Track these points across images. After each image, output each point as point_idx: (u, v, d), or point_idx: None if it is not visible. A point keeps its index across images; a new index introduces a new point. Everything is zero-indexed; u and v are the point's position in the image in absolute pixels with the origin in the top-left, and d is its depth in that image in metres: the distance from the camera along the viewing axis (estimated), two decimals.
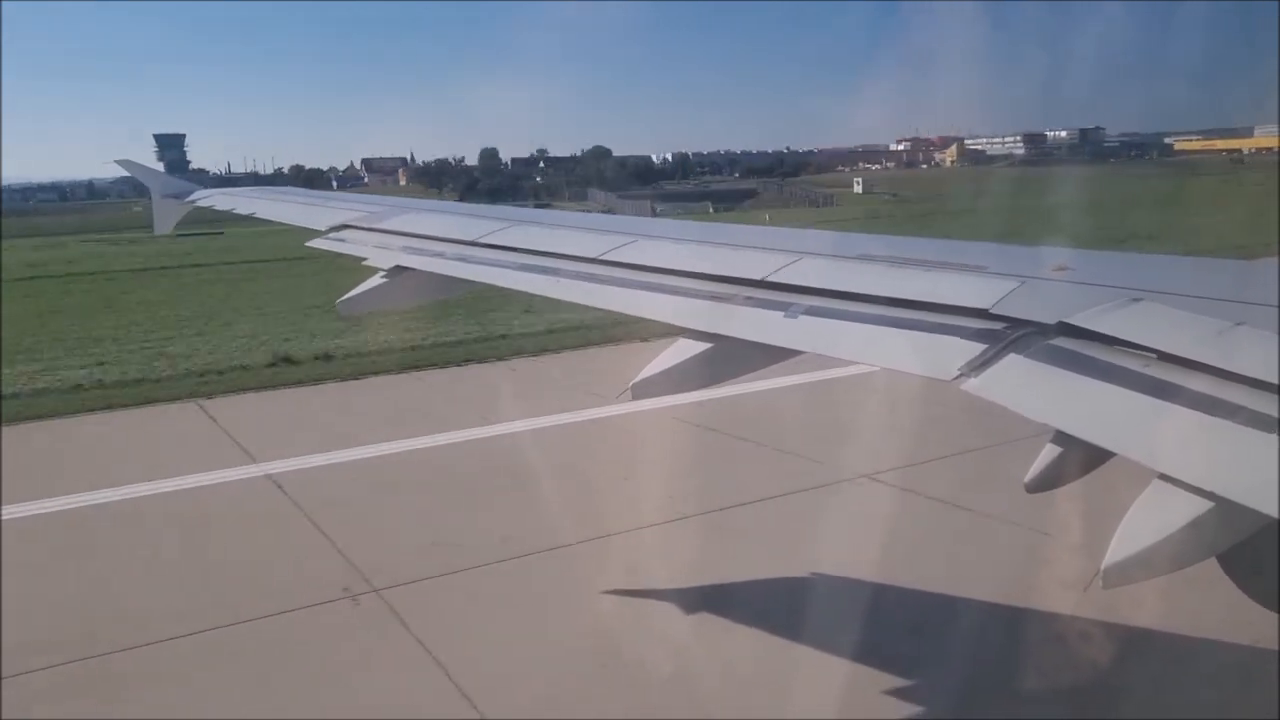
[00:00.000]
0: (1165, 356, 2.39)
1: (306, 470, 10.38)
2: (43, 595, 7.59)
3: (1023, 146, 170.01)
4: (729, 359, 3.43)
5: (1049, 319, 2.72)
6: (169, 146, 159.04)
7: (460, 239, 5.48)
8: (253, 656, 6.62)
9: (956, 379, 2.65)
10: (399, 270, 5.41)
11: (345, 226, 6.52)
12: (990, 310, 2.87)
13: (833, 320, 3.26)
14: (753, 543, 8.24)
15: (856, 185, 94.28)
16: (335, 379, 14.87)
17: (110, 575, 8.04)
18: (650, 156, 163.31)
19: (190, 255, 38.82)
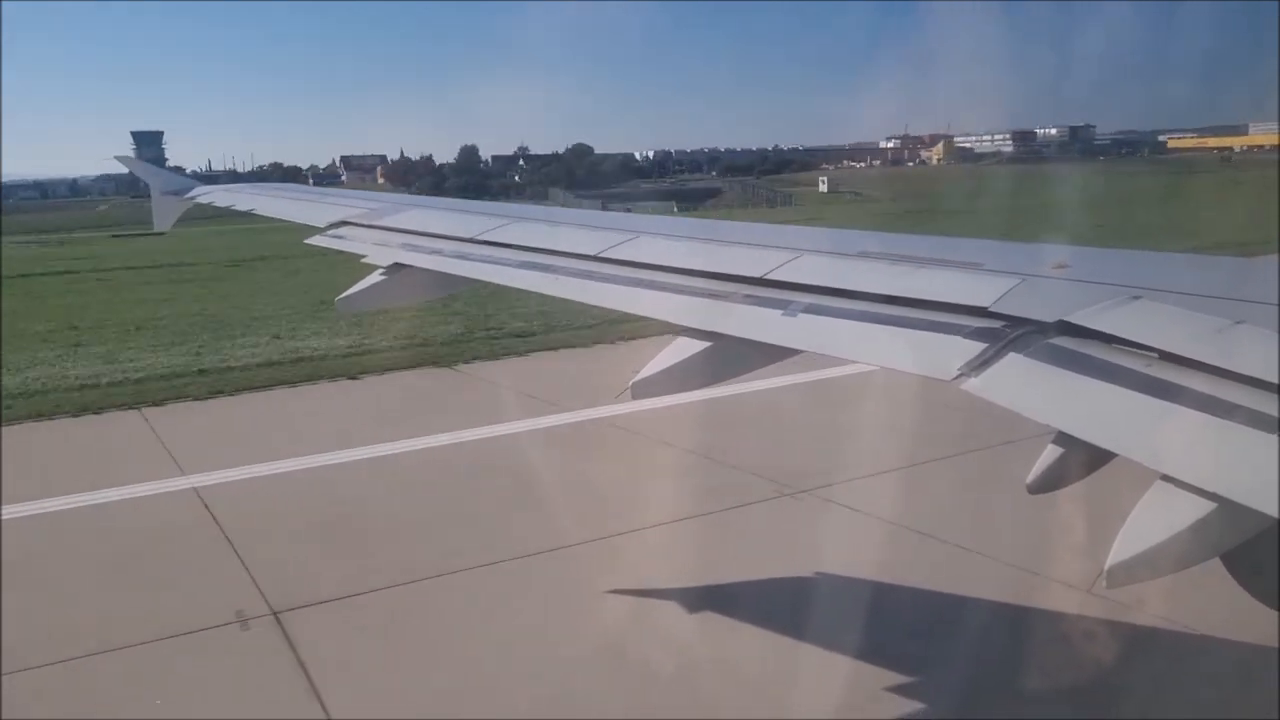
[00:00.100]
0: (1166, 355, 2.38)
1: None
2: None
3: (1011, 144, 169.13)
4: (729, 358, 3.41)
5: (1049, 317, 2.70)
6: (146, 144, 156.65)
7: (459, 236, 5.47)
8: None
9: (956, 379, 2.63)
10: (398, 268, 5.40)
11: (344, 223, 6.50)
12: (989, 309, 2.85)
13: (832, 319, 3.24)
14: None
15: (821, 184, 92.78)
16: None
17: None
18: (634, 154, 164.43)
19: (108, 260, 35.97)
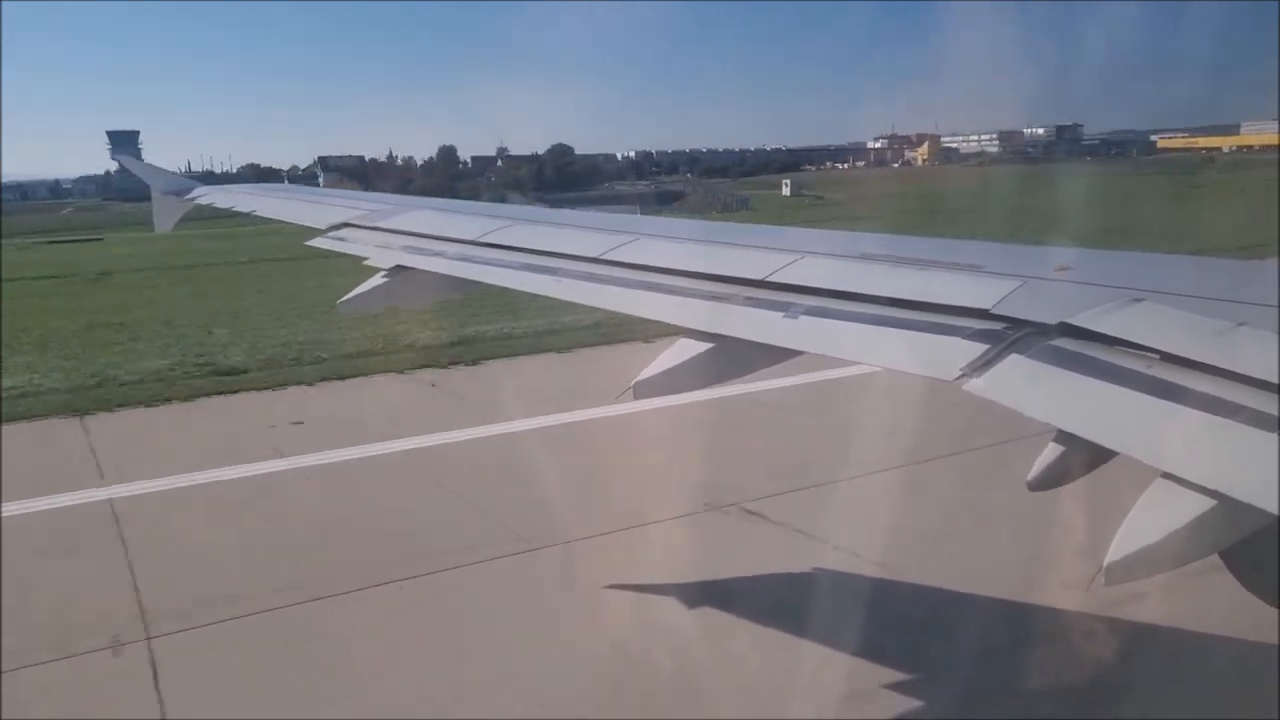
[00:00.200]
0: (1167, 357, 2.39)
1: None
2: None
3: (997, 144, 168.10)
4: (730, 359, 3.42)
5: (1050, 319, 2.72)
6: (122, 144, 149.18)
7: (461, 238, 5.47)
8: None
9: (958, 379, 2.65)
10: (400, 270, 5.41)
11: (345, 225, 6.50)
12: (991, 310, 2.87)
13: (833, 320, 3.26)
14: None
15: (784, 188, 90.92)
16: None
17: None
18: (616, 155, 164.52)
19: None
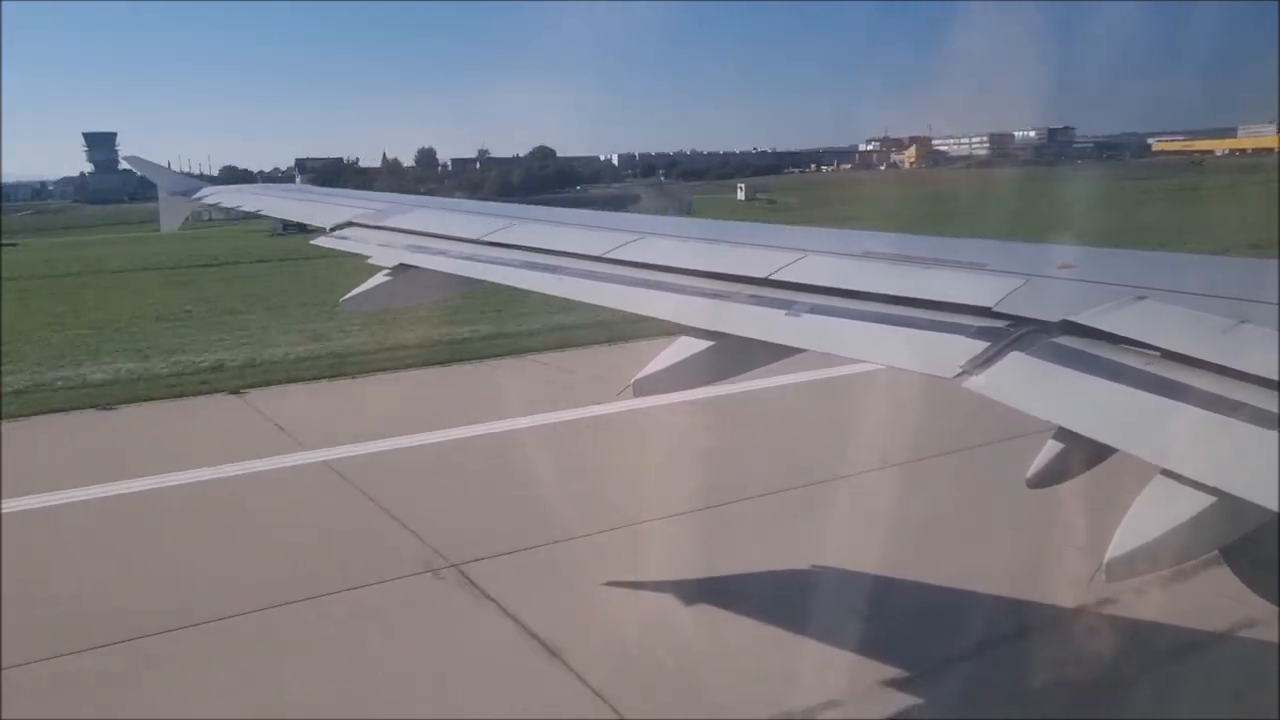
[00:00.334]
0: (1169, 354, 2.39)
1: None
2: None
3: (988, 147, 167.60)
4: (731, 356, 3.43)
5: (1052, 317, 2.72)
6: (98, 146, 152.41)
7: (465, 237, 5.48)
8: None
9: (959, 377, 2.65)
10: (403, 269, 5.42)
11: (349, 224, 6.52)
12: (993, 308, 2.87)
13: (835, 318, 3.26)
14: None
15: (739, 191, 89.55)
16: None
17: None
18: (599, 157, 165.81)
19: None
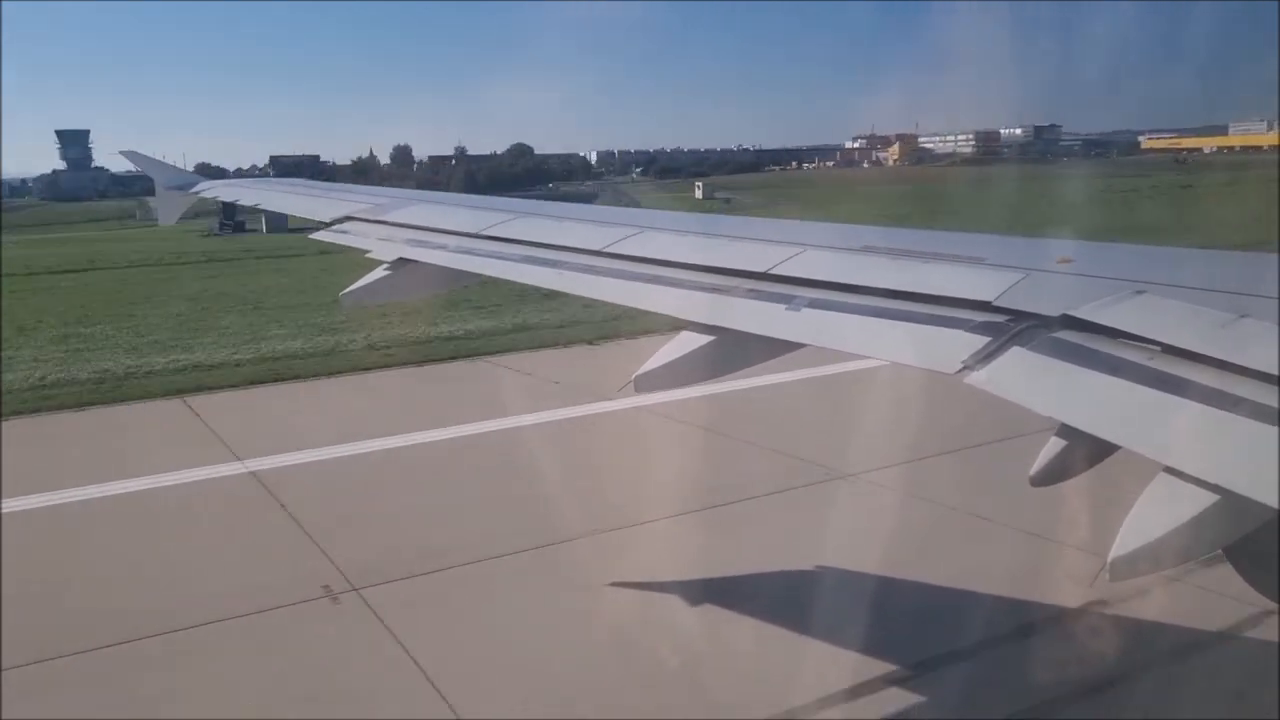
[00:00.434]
0: (1169, 349, 2.38)
1: None
2: None
3: (973, 144, 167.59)
4: (732, 352, 3.42)
5: (1052, 312, 2.71)
6: (72, 143, 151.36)
7: (464, 231, 5.47)
8: None
9: (960, 372, 2.64)
10: (402, 263, 5.41)
11: (348, 219, 6.51)
12: (993, 303, 2.86)
13: (835, 313, 3.25)
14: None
15: (697, 190, 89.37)
16: None
17: None
18: (578, 154, 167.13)
19: None
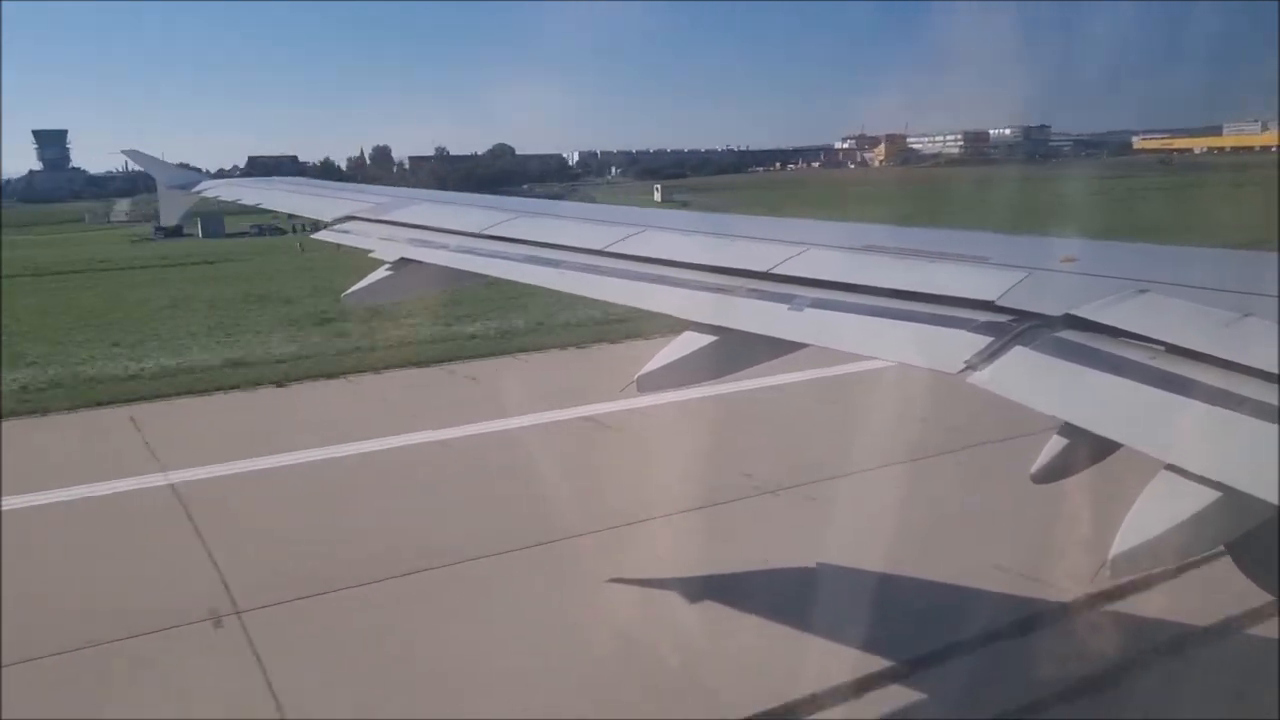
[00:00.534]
0: (1172, 348, 2.39)
1: None
2: None
3: (961, 145, 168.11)
4: (734, 352, 3.42)
5: (1055, 311, 2.71)
6: (49, 144, 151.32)
7: (466, 231, 5.47)
8: None
9: (962, 372, 2.64)
10: (404, 262, 5.42)
11: (350, 218, 6.51)
12: (996, 302, 2.86)
13: (838, 313, 3.25)
14: None
15: (655, 193, 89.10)
16: None
17: None
18: (561, 154, 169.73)
19: None
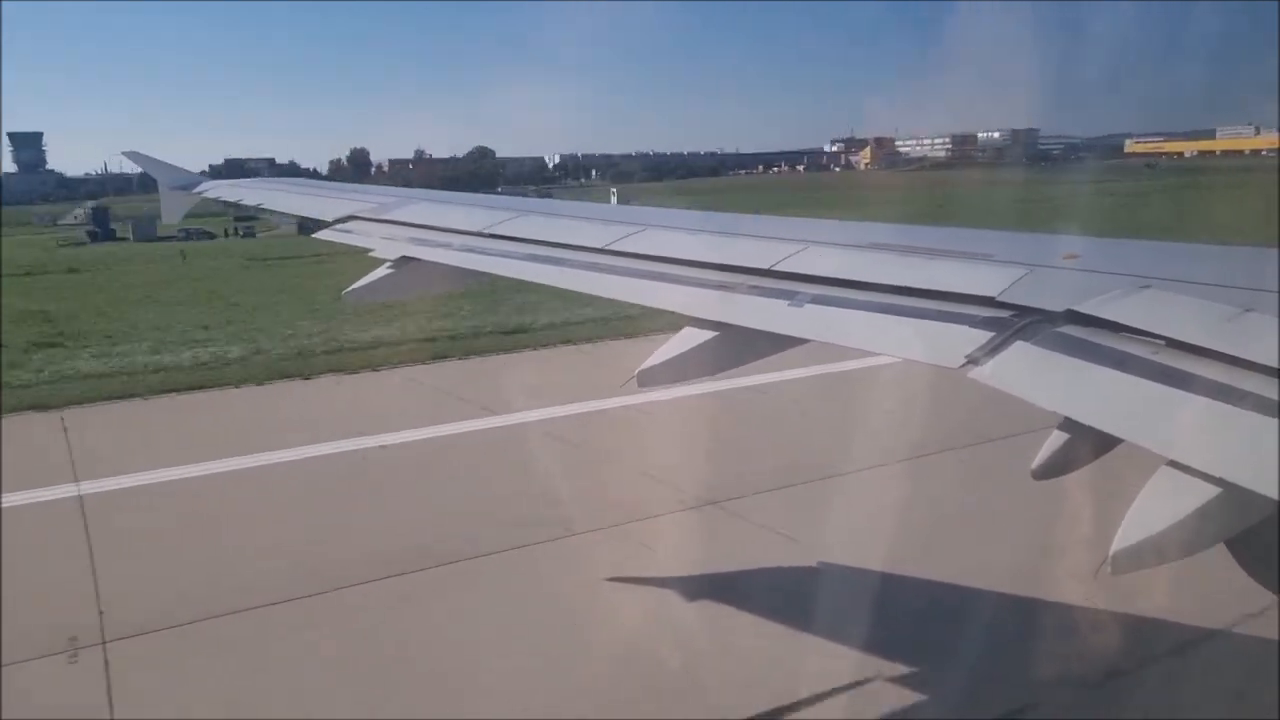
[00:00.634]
0: (1173, 343, 2.38)
1: None
2: None
3: (948, 148, 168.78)
4: (735, 347, 3.42)
5: (1056, 306, 2.71)
6: (24, 146, 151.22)
7: (467, 229, 5.49)
8: None
9: (963, 367, 2.64)
10: (405, 261, 5.42)
11: (352, 218, 6.52)
12: (997, 298, 2.86)
13: (839, 309, 3.25)
14: None
15: (612, 198, 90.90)
16: None
17: None
18: (542, 158, 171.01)
19: None
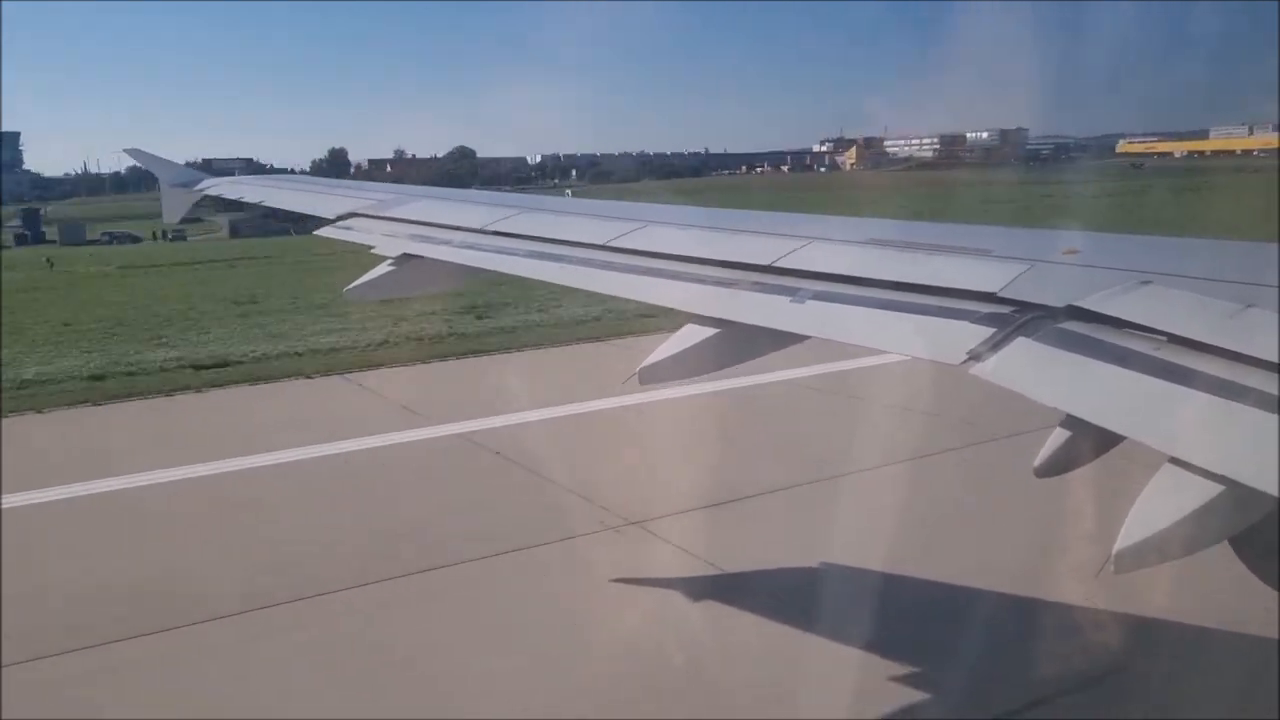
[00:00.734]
0: (1175, 339, 2.38)
1: None
2: None
3: (936, 148, 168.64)
4: (736, 344, 3.43)
5: (1058, 302, 2.71)
6: (1, 146, 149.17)
7: (468, 226, 5.48)
8: None
9: (964, 363, 2.64)
10: (407, 258, 5.43)
11: (353, 215, 6.52)
12: (998, 294, 2.86)
13: (840, 305, 3.25)
14: None
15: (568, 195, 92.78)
16: None
17: None
18: (525, 159, 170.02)
19: None
